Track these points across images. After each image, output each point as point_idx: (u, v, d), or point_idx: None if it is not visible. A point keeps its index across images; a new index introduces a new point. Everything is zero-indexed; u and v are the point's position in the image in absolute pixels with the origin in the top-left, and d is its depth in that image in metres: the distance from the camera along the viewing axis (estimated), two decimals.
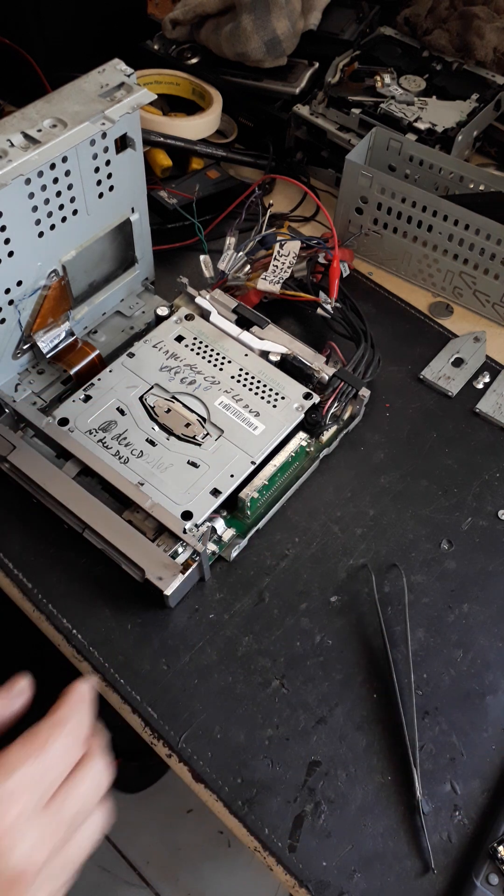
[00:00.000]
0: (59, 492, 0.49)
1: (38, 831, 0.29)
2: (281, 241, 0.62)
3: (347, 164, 0.65)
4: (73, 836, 0.31)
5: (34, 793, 0.30)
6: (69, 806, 0.31)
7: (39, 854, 0.29)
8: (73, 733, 0.32)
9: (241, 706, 0.47)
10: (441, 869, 0.42)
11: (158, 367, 0.56)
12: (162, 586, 0.47)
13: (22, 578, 0.51)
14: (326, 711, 0.47)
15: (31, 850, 0.29)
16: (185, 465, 0.51)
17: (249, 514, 0.53)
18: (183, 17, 0.76)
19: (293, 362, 0.57)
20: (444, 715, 0.47)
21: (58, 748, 0.31)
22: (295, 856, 0.42)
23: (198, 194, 0.68)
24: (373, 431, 0.60)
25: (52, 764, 0.30)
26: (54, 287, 0.53)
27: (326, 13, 0.78)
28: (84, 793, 0.31)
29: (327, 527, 0.54)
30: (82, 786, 0.31)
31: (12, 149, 0.44)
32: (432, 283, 0.69)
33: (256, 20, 0.71)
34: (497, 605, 0.52)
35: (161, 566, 0.47)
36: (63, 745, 0.31)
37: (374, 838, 0.43)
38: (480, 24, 0.74)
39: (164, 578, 0.47)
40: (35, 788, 0.30)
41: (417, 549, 0.54)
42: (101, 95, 0.48)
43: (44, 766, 0.30)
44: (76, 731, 0.32)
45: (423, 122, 0.70)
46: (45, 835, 0.29)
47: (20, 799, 0.29)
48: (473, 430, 0.60)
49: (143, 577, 0.47)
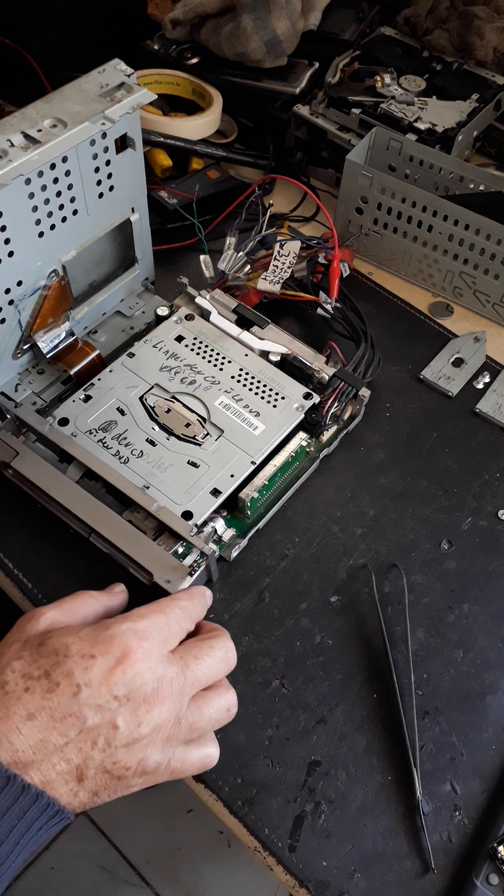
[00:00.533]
0: (64, 496, 0.49)
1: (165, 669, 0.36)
2: (281, 241, 0.62)
3: (347, 164, 0.65)
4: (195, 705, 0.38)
5: (160, 636, 0.37)
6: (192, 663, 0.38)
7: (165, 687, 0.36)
8: (186, 609, 0.40)
9: (241, 706, 0.47)
10: (441, 869, 0.42)
11: (158, 367, 0.56)
12: (170, 589, 0.46)
13: (22, 579, 0.51)
14: (326, 711, 0.47)
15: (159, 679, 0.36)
16: (186, 465, 0.51)
17: (249, 514, 0.53)
18: (183, 17, 0.76)
19: (293, 362, 0.57)
20: (444, 715, 0.47)
21: (176, 613, 0.39)
22: (295, 856, 0.42)
23: (198, 194, 0.68)
24: (373, 431, 0.60)
25: (173, 622, 0.39)
26: (54, 287, 0.53)
27: (326, 13, 0.78)
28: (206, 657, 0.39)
29: (327, 527, 0.55)
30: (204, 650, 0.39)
31: (12, 149, 0.44)
32: (432, 283, 0.69)
33: (256, 20, 0.71)
34: (497, 605, 0.52)
35: (169, 569, 0.47)
36: (178, 613, 0.39)
37: (374, 838, 0.43)
38: (480, 24, 0.74)
39: (172, 581, 0.47)
40: (160, 634, 0.37)
41: (417, 549, 0.54)
42: (101, 95, 0.48)
43: (167, 621, 0.38)
44: (188, 609, 0.40)
45: (423, 122, 0.70)
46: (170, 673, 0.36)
47: (153, 636, 0.37)
48: (473, 430, 0.60)
49: (151, 581, 0.47)
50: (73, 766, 0.33)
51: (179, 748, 0.37)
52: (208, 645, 0.39)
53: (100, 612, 0.41)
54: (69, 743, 0.33)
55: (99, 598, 0.41)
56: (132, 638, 0.36)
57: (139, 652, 0.35)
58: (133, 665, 0.35)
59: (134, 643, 0.36)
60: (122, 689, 0.34)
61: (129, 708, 0.34)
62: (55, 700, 0.33)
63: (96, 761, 0.33)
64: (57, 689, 0.33)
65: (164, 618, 0.38)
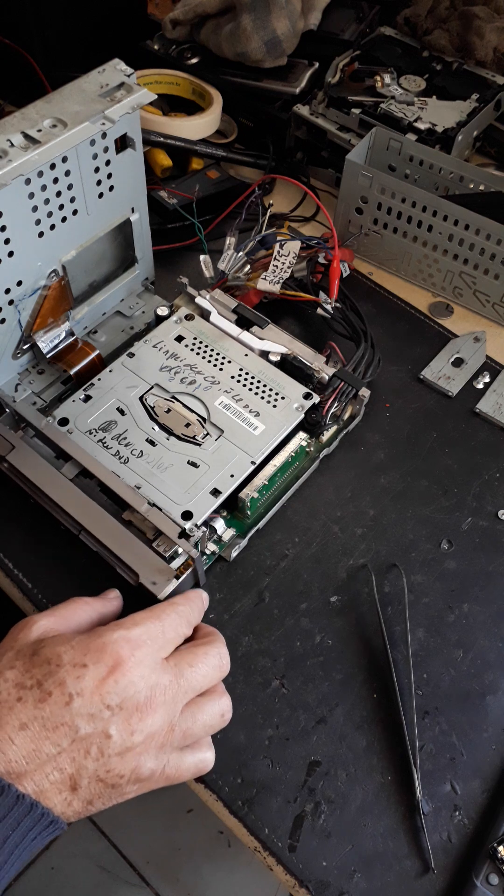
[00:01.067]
0: (56, 493, 0.49)
1: (159, 676, 0.36)
2: (281, 241, 0.62)
3: (347, 164, 0.65)
4: (189, 712, 0.38)
5: (154, 643, 0.37)
6: (187, 671, 0.37)
7: (158, 695, 0.36)
8: (183, 614, 0.40)
9: (241, 706, 0.47)
10: (441, 869, 0.42)
11: (158, 367, 0.56)
12: (155, 591, 0.46)
13: (22, 578, 0.51)
14: (326, 711, 0.47)
15: (152, 687, 0.36)
16: (185, 465, 0.51)
17: (249, 514, 0.53)
18: (183, 17, 0.76)
19: (293, 362, 0.57)
20: (444, 715, 0.47)
21: (172, 619, 0.39)
22: (295, 856, 0.42)
23: (198, 194, 0.68)
24: (373, 431, 0.60)
25: (169, 629, 0.38)
26: (54, 287, 0.53)
27: (326, 13, 0.78)
28: (201, 664, 0.38)
29: (327, 527, 0.55)
30: (199, 657, 0.39)
31: (12, 149, 0.44)
32: (432, 283, 0.69)
33: (256, 20, 0.71)
34: (497, 605, 0.52)
35: (155, 571, 0.47)
36: (174, 618, 0.39)
37: (374, 838, 0.43)
38: (480, 24, 0.74)
39: (157, 583, 0.47)
40: (154, 641, 0.37)
41: (417, 549, 0.54)
42: (101, 95, 0.48)
43: (163, 628, 0.38)
44: (185, 614, 0.40)
45: (423, 122, 0.70)
46: (164, 681, 0.36)
47: (147, 644, 0.37)
48: (473, 430, 0.60)
49: (137, 581, 0.47)
50: (67, 776, 0.33)
51: (174, 755, 0.37)
52: (203, 651, 0.39)
53: (94, 618, 0.41)
54: (62, 752, 0.33)
55: (93, 604, 0.41)
56: (124, 646, 0.36)
57: (131, 661, 0.35)
58: (125, 674, 0.35)
59: (126, 651, 0.35)
60: (115, 699, 0.34)
61: (122, 717, 0.34)
62: (47, 709, 0.33)
63: (90, 770, 0.33)
64: (49, 698, 0.33)
65: (159, 624, 0.38)
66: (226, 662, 0.40)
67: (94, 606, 0.41)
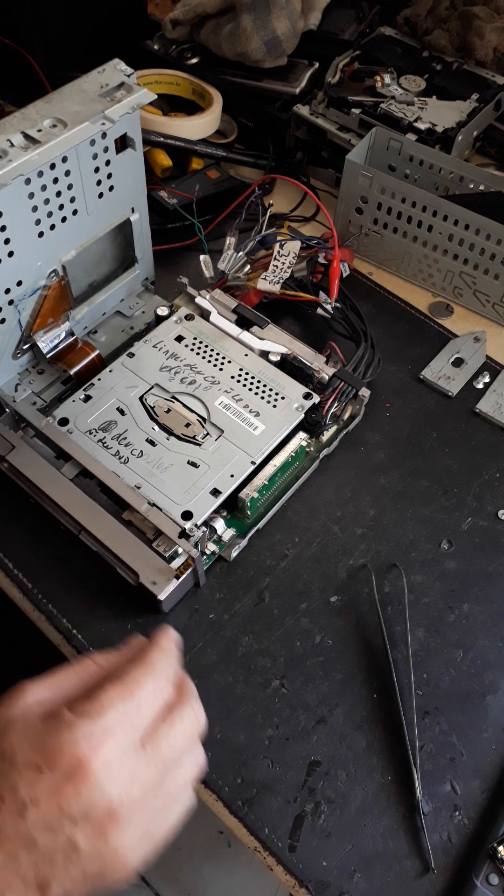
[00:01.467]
0: (56, 493, 0.49)
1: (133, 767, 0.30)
2: (281, 241, 0.62)
3: (347, 164, 0.65)
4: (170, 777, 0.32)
5: (128, 730, 0.31)
6: (164, 746, 0.31)
7: (135, 789, 0.30)
8: (162, 675, 0.33)
9: (241, 706, 0.47)
10: (441, 869, 0.42)
11: (158, 367, 0.56)
12: (155, 591, 0.46)
13: (22, 578, 0.51)
14: (326, 711, 0.47)
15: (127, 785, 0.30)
16: (185, 465, 0.51)
17: (249, 514, 0.53)
18: (183, 17, 0.76)
19: (293, 362, 0.57)
20: (444, 715, 0.47)
21: (149, 688, 0.32)
22: (295, 856, 0.42)
23: (198, 194, 0.68)
24: (373, 431, 0.60)
25: (144, 703, 0.31)
26: (54, 287, 0.53)
27: (326, 13, 0.78)
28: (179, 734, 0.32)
29: (327, 527, 0.54)
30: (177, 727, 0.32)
31: (12, 149, 0.44)
32: (432, 283, 0.69)
33: (256, 20, 0.71)
34: (497, 605, 0.52)
35: (155, 571, 0.47)
36: (154, 687, 0.32)
37: (374, 838, 0.43)
38: (480, 24, 0.74)
39: (157, 583, 0.47)
40: (129, 726, 0.31)
41: (417, 549, 0.54)
42: (101, 95, 0.48)
43: (137, 704, 0.31)
44: (166, 673, 0.33)
45: (423, 122, 0.70)
46: (141, 771, 0.30)
47: (116, 734, 0.30)
48: (473, 430, 0.60)
49: (137, 581, 0.47)
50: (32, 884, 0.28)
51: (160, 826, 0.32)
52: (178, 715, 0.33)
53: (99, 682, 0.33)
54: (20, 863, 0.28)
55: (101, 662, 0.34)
56: (85, 746, 0.29)
57: (95, 763, 0.29)
58: (87, 782, 0.29)
59: (87, 752, 0.29)
60: (77, 809, 0.29)
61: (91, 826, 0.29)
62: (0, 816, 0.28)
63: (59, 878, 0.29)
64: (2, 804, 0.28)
65: (132, 703, 0.31)
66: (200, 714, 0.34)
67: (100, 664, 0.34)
